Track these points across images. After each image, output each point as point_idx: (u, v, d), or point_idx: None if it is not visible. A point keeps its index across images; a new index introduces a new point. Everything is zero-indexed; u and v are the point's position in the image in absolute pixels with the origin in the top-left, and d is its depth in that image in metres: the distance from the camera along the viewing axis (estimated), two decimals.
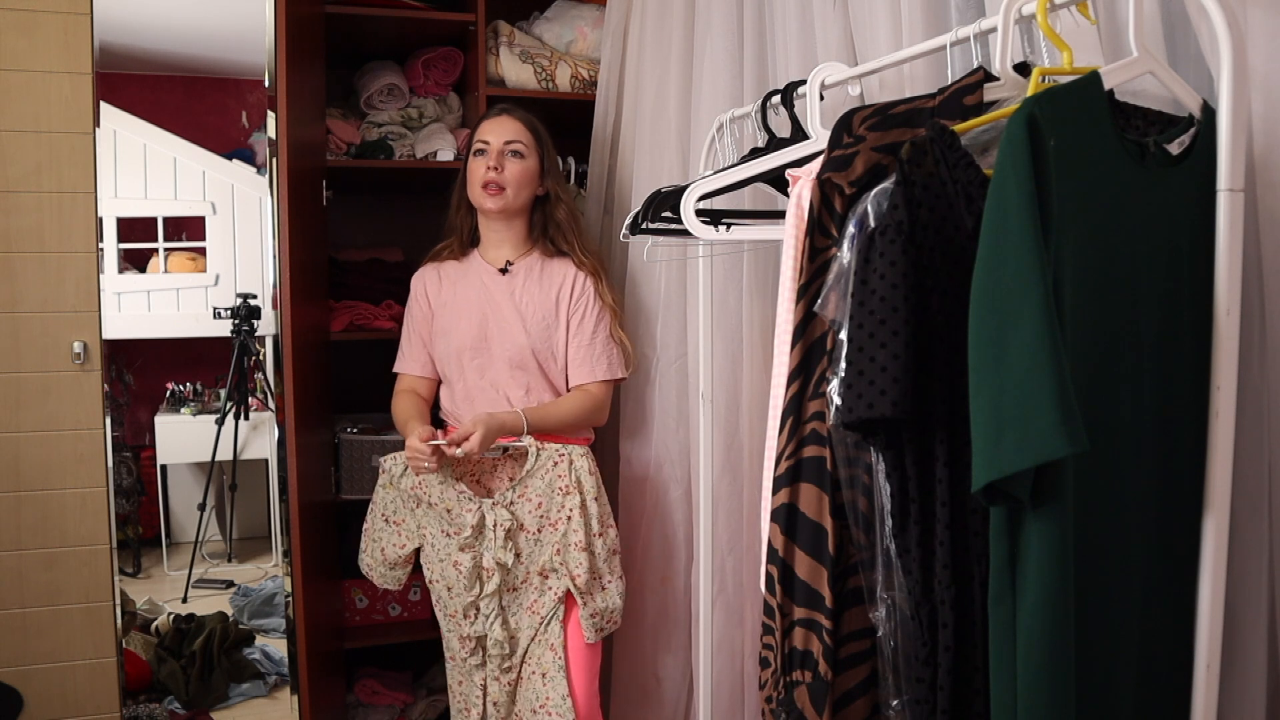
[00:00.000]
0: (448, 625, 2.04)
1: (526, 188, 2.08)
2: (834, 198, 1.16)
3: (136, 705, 2.72)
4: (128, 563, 3.50)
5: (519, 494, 1.96)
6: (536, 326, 2.07)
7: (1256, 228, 1.10)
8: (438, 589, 2.02)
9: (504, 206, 2.06)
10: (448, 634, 2.05)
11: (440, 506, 1.96)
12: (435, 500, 1.97)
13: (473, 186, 2.08)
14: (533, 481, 1.96)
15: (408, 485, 1.98)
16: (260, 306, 3.33)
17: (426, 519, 1.99)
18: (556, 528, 1.96)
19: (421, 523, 2.00)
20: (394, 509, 2.01)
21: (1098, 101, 1.01)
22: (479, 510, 1.94)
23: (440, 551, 1.98)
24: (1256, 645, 1.11)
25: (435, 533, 1.98)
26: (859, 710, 1.19)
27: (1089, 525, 0.99)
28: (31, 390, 2.23)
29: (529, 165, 2.07)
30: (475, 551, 1.94)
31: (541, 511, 1.96)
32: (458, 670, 2.06)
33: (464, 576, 1.94)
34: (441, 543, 1.97)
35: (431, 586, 2.04)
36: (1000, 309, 0.92)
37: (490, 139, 2.05)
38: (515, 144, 2.05)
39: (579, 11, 2.71)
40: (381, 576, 2.05)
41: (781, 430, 1.22)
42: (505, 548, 1.93)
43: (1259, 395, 1.11)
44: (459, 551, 1.95)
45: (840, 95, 1.56)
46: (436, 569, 1.99)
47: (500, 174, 2.04)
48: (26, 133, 2.20)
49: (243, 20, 2.97)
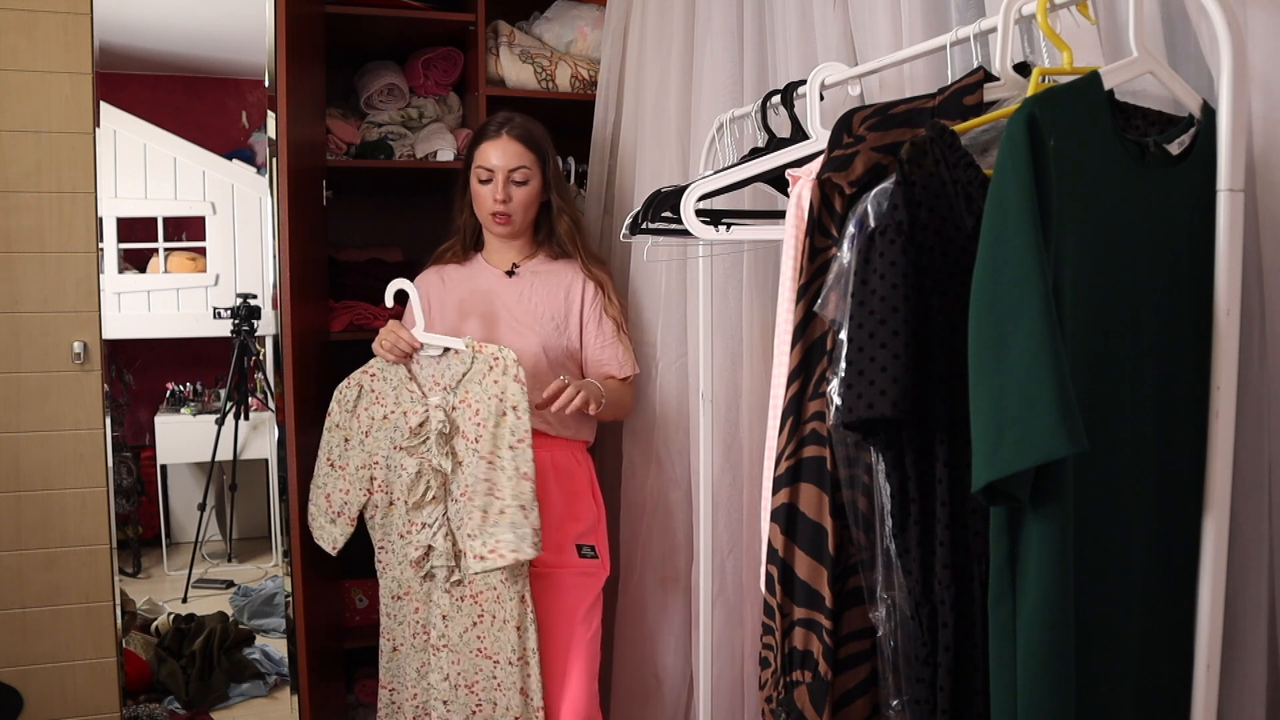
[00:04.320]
0: (395, 557, 2.00)
1: (532, 208, 2.13)
2: (834, 198, 1.16)
3: (136, 705, 2.72)
4: (128, 563, 3.50)
5: (459, 399, 1.94)
6: (547, 327, 2.08)
7: (1256, 228, 1.10)
8: (393, 517, 1.98)
9: (512, 232, 2.12)
10: (396, 578, 2.01)
11: (396, 412, 1.95)
12: (391, 407, 1.96)
13: (481, 212, 2.12)
14: (472, 387, 1.93)
15: (364, 406, 1.97)
16: (260, 306, 3.33)
17: (376, 442, 1.97)
18: (475, 436, 1.93)
19: (372, 450, 1.98)
20: (339, 451, 1.99)
21: (1098, 101, 1.01)
22: (425, 412, 1.92)
23: (395, 469, 1.97)
24: (1256, 645, 1.11)
25: (388, 450, 1.97)
26: (859, 710, 1.19)
27: (1089, 525, 0.99)
28: (31, 390, 2.22)
29: (533, 188, 2.10)
30: (421, 456, 1.93)
31: (480, 419, 1.92)
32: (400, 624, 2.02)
33: (409, 481, 1.93)
34: (395, 458, 1.97)
35: (382, 528, 2.00)
36: (1000, 309, 0.92)
37: (495, 165, 2.06)
38: (520, 171, 2.07)
39: (579, 11, 2.71)
40: (320, 529, 2.00)
41: (781, 430, 1.22)
42: (444, 453, 1.91)
43: (1259, 395, 1.11)
44: (406, 457, 1.94)
45: (840, 95, 1.56)
46: (396, 486, 1.97)
47: (508, 204, 2.07)
48: (26, 133, 2.20)
49: (243, 20, 2.96)
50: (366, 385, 2.00)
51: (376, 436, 1.98)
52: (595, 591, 2.04)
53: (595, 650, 2.02)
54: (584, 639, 1.99)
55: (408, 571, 1.98)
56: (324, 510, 2.00)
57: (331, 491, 2.00)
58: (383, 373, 2.00)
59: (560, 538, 2.02)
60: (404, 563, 1.98)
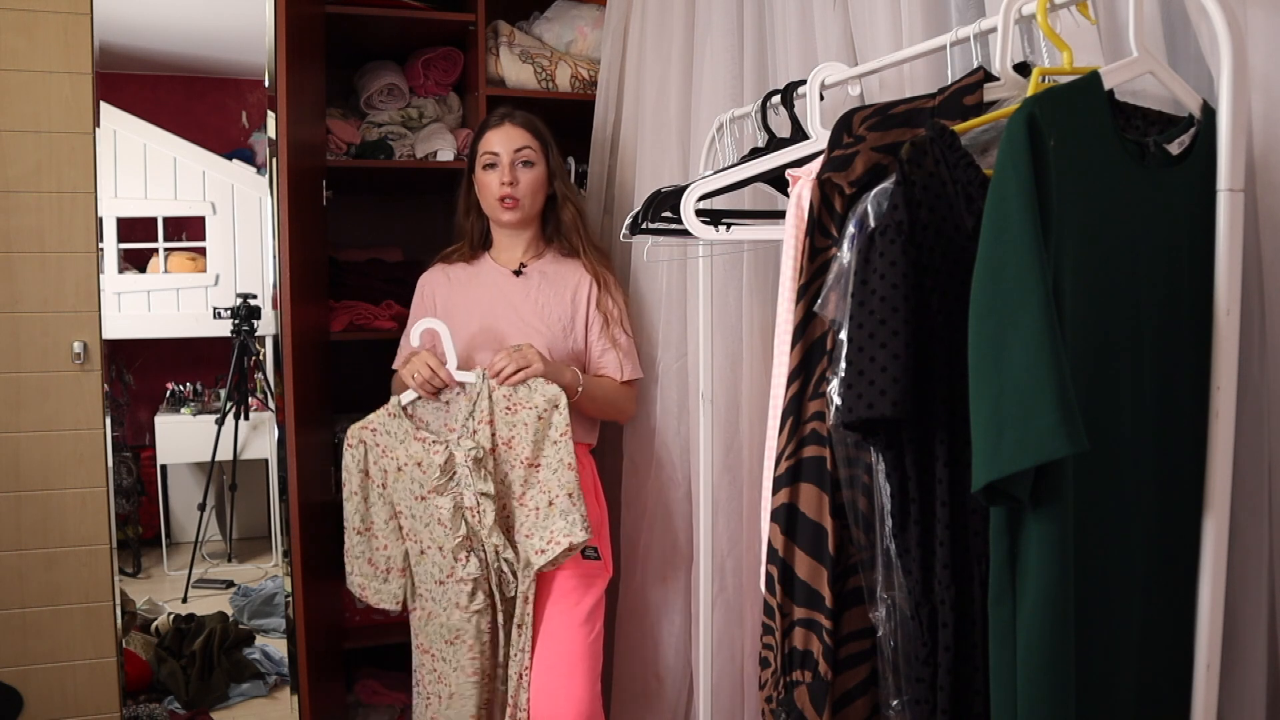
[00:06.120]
0: (437, 603, 1.97)
1: (540, 194, 2.11)
2: (834, 198, 1.16)
3: (136, 705, 2.72)
4: (128, 563, 3.50)
5: (479, 421, 1.91)
6: (554, 327, 2.08)
7: (1256, 228, 1.10)
8: (426, 565, 1.96)
9: (521, 218, 2.10)
10: (433, 621, 1.98)
11: (410, 464, 1.92)
12: (404, 461, 1.92)
13: (487, 200, 2.10)
14: (490, 409, 1.91)
15: (373, 460, 1.94)
16: (260, 306, 3.33)
17: (396, 493, 1.94)
18: (511, 446, 1.92)
19: (393, 501, 1.95)
20: (359, 516, 1.96)
21: (1098, 101, 1.01)
22: (446, 449, 1.90)
23: (421, 518, 1.94)
24: (1256, 645, 1.11)
25: (410, 502, 1.94)
26: (859, 710, 1.19)
27: (1089, 525, 0.99)
28: (31, 390, 2.23)
29: (539, 172, 2.09)
30: (453, 493, 1.90)
31: (494, 429, 1.91)
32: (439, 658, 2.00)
33: (447, 520, 1.89)
34: (419, 509, 1.93)
35: (416, 579, 1.98)
36: (1000, 309, 0.92)
37: (500, 150, 2.06)
38: (525, 152, 2.06)
39: (579, 11, 2.71)
40: (376, 593, 1.98)
41: (781, 430, 1.22)
42: (482, 477, 1.88)
43: (1259, 395, 1.11)
44: (437, 498, 1.90)
45: (840, 95, 1.56)
46: (425, 536, 1.94)
47: (515, 187, 2.06)
48: (26, 133, 2.20)
49: (243, 20, 2.96)
50: (370, 441, 1.96)
51: (394, 488, 1.95)
52: (598, 594, 2.04)
53: (597, 653, 2.02)
54: (585, 641, 1.99)
55: (454, 615, 1.93)
56: (372, 575, 1.97)
57: (373, 555, 1.97)
58: (384, 426, 1.96)
59: None
60: (449, 608, 1.94)
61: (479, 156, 2.09)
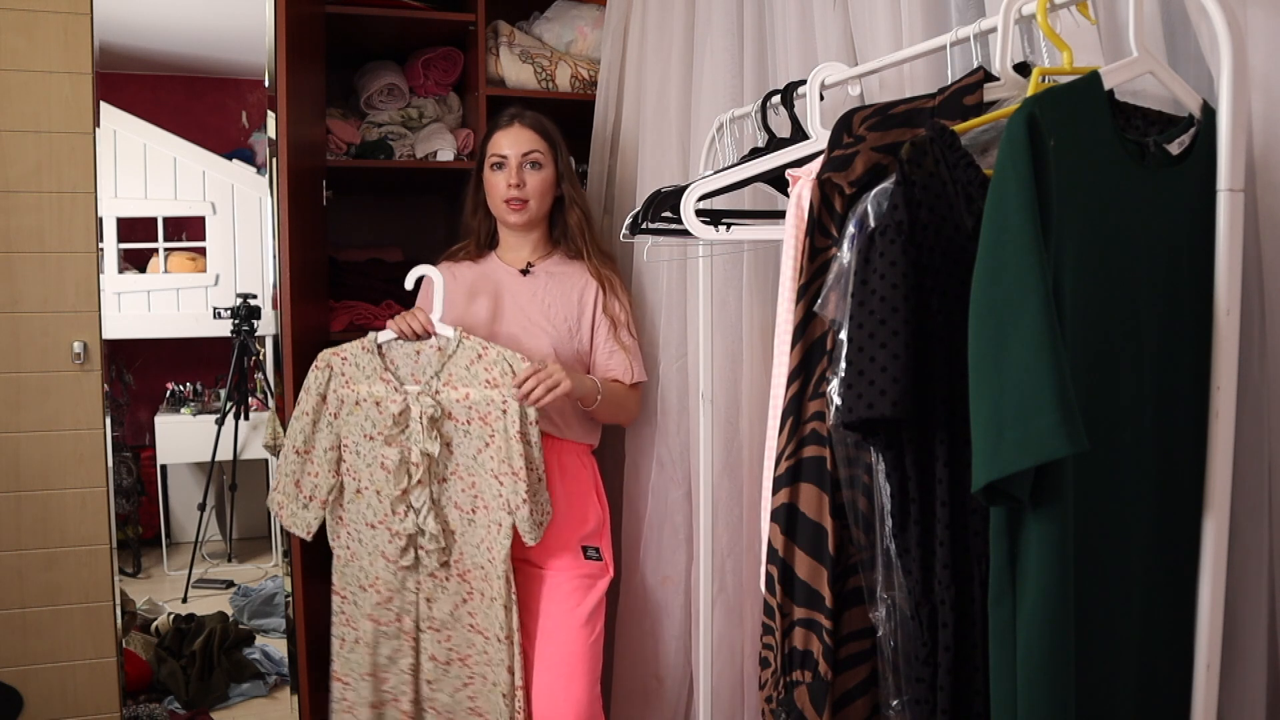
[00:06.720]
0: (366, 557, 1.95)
1: (548, 196, 2.11)
2: (834, 198, 1.16)
3: (136, 705, 2.72)
4: (128, 563, 3.50)
5: (444, 381, 1.91)
6: (560, 327, 2.08)
7: (1256, 228, 1.10)
8: (360, 505, 1.94)
9: (527, 220, 2.09)
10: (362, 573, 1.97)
11: (369, 401, 1.92)
12: (364, 396, 1.92)
13: (494, 201, 2.10)
14: (457, 370, 1.91)
15: (334, 388, 1.94)
16: (260, 306, 3.33)
17: (345, 425, 1.94)
18: (487, 421, 1.91)
19: (340, 433, 1.94)
20: (303, 437, 1.95)
21: (1098, 101, 1.01)
22: (404, 400, 1.90)
23: (365, 457, 1.93)
24: (1256, 645, 1.11)
25: (358, 438, 1.93)
26: (859, 710, 1.19)
27: (1089, 525, 0.99)
28: (31, 390, 2.23)
29: (547, 174, 2.09)
30: (402, 445, 1.90)
31: (469, 403, 1.90)
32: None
33: (391, 471, 1.90)
34: (365, 447, 1.93)
35: (347, 515, 1.96)
36: (1000, 309, 0.92)
37: (508, 151, 2.06)
38: (533, 154, 2.06)
39: (579, 11, 2.71)
40: (292, 515, 1.96)
41: (781, 430, 1.22)
42: (431, 437, 1.88)
43: (1259, 395, 1.11)
44: (384, 446, 1.90)
45: (840, 95, 1.56)
46: (365, 475, 1.93)
47: (523, 189, 2.05)
48: (26, 133, 2.20)
49: (243, 20, 2.97)
50: (337, 367, 1.96)
51: (346, 420, 1.94)
52: (599, 594, 2.04)
53: (598, 654, 2.02)
54: (586, 642, 1.99)
55: (378, 562, 1.94)
56: (294, 497, 1.97)
57: (301, 477, 1.96)
58: (355, 358, 1.96)
59: (565, 539, 2.02)
60: (374, 553, 1.95)
61: (487, 157, 2.09)
